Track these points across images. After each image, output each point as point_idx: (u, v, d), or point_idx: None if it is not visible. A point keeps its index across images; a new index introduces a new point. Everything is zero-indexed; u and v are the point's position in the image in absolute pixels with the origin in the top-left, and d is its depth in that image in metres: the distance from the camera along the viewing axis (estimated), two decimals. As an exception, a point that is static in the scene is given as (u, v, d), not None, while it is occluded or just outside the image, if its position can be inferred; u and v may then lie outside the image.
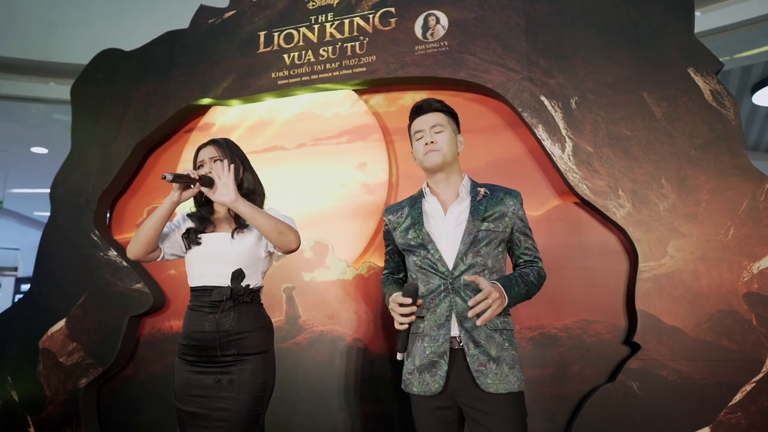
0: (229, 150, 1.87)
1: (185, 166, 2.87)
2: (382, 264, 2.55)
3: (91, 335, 2.85)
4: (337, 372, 2.52)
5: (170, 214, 1.72)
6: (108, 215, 3.14)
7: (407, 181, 2.65)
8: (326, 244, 2.68)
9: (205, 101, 2.97)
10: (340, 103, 2.82)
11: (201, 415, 1.68)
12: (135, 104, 3.09)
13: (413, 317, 1.50)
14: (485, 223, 1.58)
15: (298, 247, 1.74)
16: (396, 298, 1.51)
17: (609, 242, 2.27)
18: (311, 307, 2.64)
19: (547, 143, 2.34)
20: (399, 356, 1.55)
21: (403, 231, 1.67)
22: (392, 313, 1.53)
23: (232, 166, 1.71)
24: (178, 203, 1.72)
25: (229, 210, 1.82)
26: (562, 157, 2.31)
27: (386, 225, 1.78)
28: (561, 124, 2.34)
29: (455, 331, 1.52)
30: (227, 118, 3.02)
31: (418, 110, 1.71)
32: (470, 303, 1.42)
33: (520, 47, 2.46)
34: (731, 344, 1.99)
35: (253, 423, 1.69)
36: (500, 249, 1.62)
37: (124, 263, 2.87)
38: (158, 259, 1.81)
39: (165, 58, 3.11)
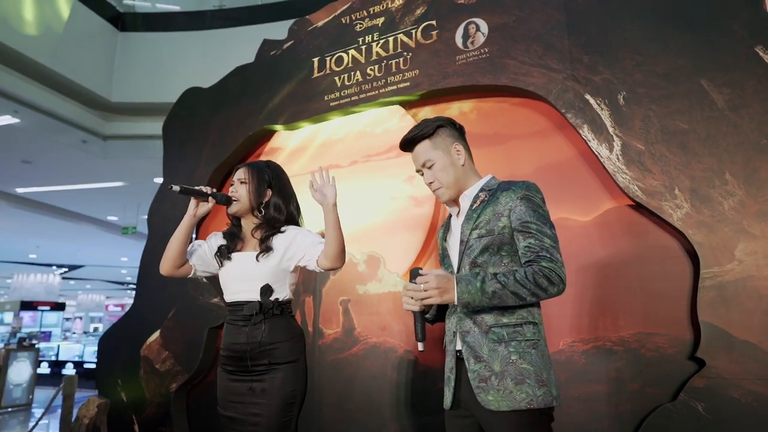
0: (258, 173, 1.96)
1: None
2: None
3: (180, 345, 3.18)
4: (389, 383, 2.55)
5: (189, 228, 1.87)
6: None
7: (456, 192, 2.63)
8: (378, 257, 2.75)
9: (269, 127, 3.21)
10: (389, 119, 2.89)
11: (238, 420, 1.82)
12: (212, 135, 3.43)
13: (421, 302, 1.41)
14: (476, 231, 1.47)
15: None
16: (405, 285, 1.48)
17: (669, 247, 2.06)
18: (365, 319, 2.71)
19: (594, 144, 2.20)
20: (419, 346, 1.47)
21: (439, 246, 1.66)
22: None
23: (334, 177, 1.83)
24: (194, 216, 1.87)
25: (252, 232, 1.94)
26: (610, 157, 2.15)
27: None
28: (608, 123, 2.18)
29: (460, 345, 1.47)
30: (292, 142, 3.23)
31: (404, 147, 1.63)
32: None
33: (561, 45, 2.35)
34: (820, 362, 1.71)
35: (284, 428, 1.79)
36: (504, 254, 1.45)
37: (204, 280, 3.17)
38: (191, 275, 1.97)
39: (235, 90, 3.41)
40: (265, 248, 1.88)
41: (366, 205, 2.85)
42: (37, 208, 9.53)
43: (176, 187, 1.78)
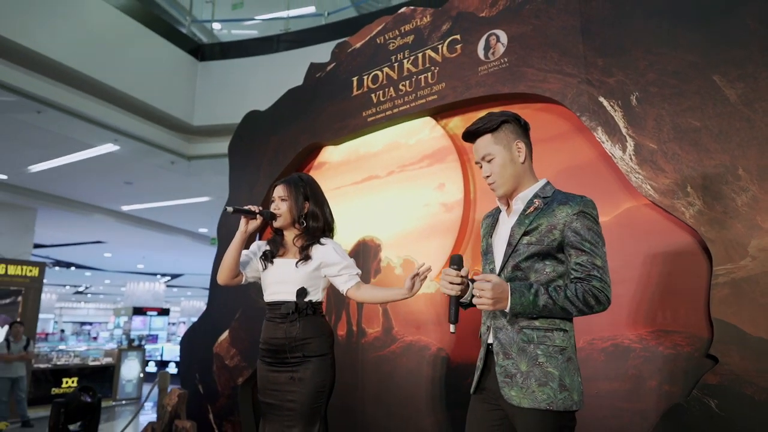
0: (295, 189, 2.20)
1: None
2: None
3: (245, 343, 3.56)
4: (424, 379, 2.72)
5: (242, 243, 2.15)
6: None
7: (485, 196, 2.76)
8: (413, 261, 2.93)
9: (316, 144, 3.50)
10: (421, 130, 3.06)
11: (275, 406, 2.08)
12: (269, 152, 3.79)
13: (461, 285, 1.51)
14: (526, 237, 1.50)
15: None
16: (445, 270, 1.56)
17: (687, 244, 2.06)
18: (402, 319, 2.90)
19: (607, 145, 2.24)
20: (451, 328, 1.53)
21: (482, 238, 1.71)
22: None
23: (425, 279, 2.01)
24: (245, 233, 2.13)
25: (294, 240, 2.19)
26: (623, 157, 2.19)
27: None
28: (621, 124, 2.22)
29: (492, 338, 1.54)
30: (336, 156, 3.50)
31: (467, 138, 1.67)
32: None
33: (576, 50, 2.41)
34: (840, 360, 1.66)
35: (315, 413, 2.03)
36: (547, 263, 1.49)
37: (264, 284, 3.52)
38: (243, 283, 2.27)
39: (288, 111, 3.75)
40: (305, 256, 2.13)
41: (402, 212, 3.04)
42: (139, 223, 10.69)
43: (230, 209, 2.09)
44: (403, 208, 3.04)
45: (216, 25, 8.58)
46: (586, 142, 2.44)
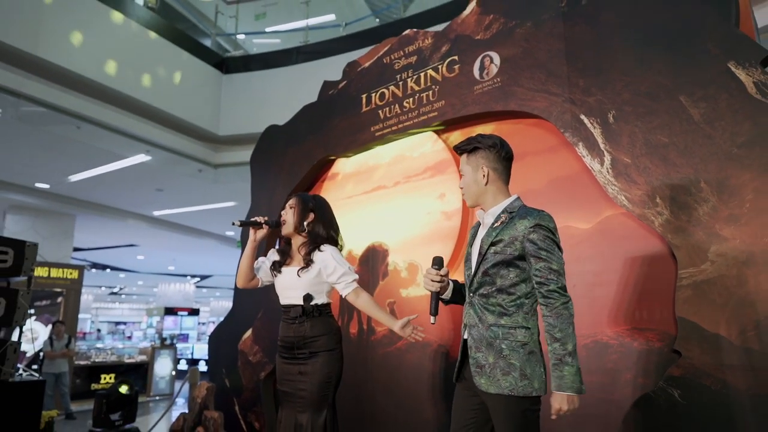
0: (303, 201, 2.48)
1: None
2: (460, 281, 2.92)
3: (266, 341, 3.87)
4: (426, 373, 2.98)
5: (254, 250, 2.43)
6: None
7: (482, 205, 2.99)
8: (417, 265, 3.18)
9: (329, 157, 3.79)
10: (424, 144, 3.32)
11: (289, 393, 2.37)
12: (286, 164, 4.09)
13: (440, 283, 1.82)
14: (493, 248, 1.73)
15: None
16: (427, 269, 1.87)
17: (658, 250, 2.27)
18: (407, 318, 3.15)
19: (587, 159, 2.46)
20: (431, 319, 1.81)
21: (466, 247, 1.96)
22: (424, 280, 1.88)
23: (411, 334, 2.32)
24: (255, 241, 2.42)
25: (299, 248, 2.47)
26: (602, 171, 2.40)
27: None
28: (599, 140, 2.43)
29: (467, 335, 1.81)
30: (347, 168, 3.78)
31: (456, 150, 1.93)
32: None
33: (561, 72, 2.63)
34: (787, 354, 1.85)
35: (323, 401, 2.31)
36: (510, 269, 1.71)
37: (283, 286, 3.82)
38: (260, 286, 2.56)
39: (304, 126, 4.05)
40: (306, 263, 2.39)
41: (407, 219, 3.30)
42: (170, 227, 11.21)
43: (237, 222, 2.38)
44: (408, 215, 3.30)
45: (240, 35, 8.98)
46: (572, 155, 2.66)
